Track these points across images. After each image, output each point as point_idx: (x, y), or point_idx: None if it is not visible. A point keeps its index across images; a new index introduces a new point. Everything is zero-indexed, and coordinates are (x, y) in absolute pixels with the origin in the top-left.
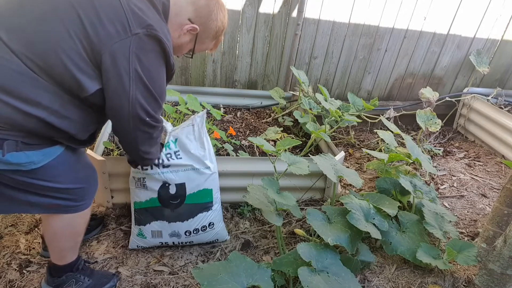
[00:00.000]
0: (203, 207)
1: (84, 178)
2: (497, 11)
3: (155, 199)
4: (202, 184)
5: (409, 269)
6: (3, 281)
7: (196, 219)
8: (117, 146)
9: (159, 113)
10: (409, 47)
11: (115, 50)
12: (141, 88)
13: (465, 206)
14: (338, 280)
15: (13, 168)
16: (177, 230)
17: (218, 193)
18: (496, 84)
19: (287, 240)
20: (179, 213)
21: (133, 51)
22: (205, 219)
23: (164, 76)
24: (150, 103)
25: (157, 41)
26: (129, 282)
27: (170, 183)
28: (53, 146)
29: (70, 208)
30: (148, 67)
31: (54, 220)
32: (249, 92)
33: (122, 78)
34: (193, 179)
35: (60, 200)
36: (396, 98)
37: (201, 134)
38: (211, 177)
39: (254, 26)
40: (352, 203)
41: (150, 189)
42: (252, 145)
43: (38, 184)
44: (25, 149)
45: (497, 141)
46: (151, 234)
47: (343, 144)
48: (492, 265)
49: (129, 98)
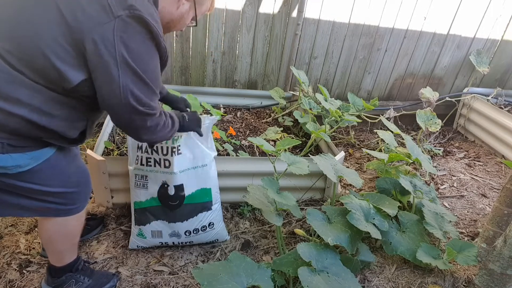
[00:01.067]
0: (203, 206)
1: (75, 182)
2: (497, 11)
3: (155, 199)
4: (202, 184)
5: (409, 269)
6: (3, 281)
7: (196, 219)
8: (117, 146)
9: (154, 100)
10: (409, 47)
11: (98, 36)
12: (130, 74)
13: (465, 206)
14: (338, 280)
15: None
16: (177, 230)
17: (217, 193)
18: (496, 84)
19: (287, 240)
20: (179, 213)
21: (117, 35)
22: (205, 219)
23: (156, 60)
24: (142, 90)
25: (142, 23)
26: (129, 282)
27: (169, 184)
28: (42, 149)
29: (61, 211)
30: (136, 51)
31: (48, 223)
32: (249, 92)
33: (108, 65)
34: (191, 179)
35: (51, 204)
36: (396, 98)
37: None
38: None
39: (254, 26)
40: (352, 203)
41: (150, 189)
42: (252, 145)
43: (26, 187)
44: (11, 151)
45: (497, 141)
46: (151, 234)
47: (343, 144)
48: (492, 265)
49: (119, 87)
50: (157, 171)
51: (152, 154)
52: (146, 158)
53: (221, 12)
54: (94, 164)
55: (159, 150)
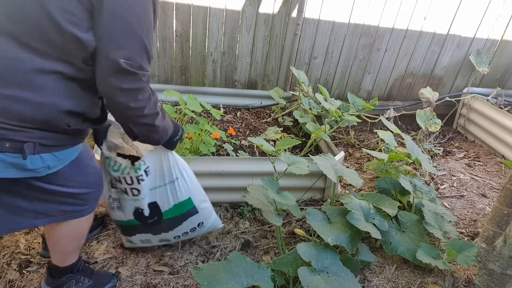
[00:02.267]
0: (186, 215)
1: (92, 182)
2: (497, 11)
3: (134, 220)
4: (176, 199)
5: (409, 269)
6: (3, 281)
7: (182, 226)
8: None
9: (143, 58)
10: (409, 47)
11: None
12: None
13: (465, 206)
14: (338, 280)
15: (27, 175)
16: (165, 237)
17: (202, 194)
18: (496, 84)
19: (287, 240)
20: (162, 227)
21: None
22: (193, 222)
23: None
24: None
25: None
26: (129, 282)
27: (143, 208)
28: (69, 149)
29: (76, 213)
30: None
31: (60, 225)
32: (249, 92)
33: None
34: (165, 197)
35: (67, 206)
36: (396, 98)
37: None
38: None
39: (254, 26)
40: (352, 203)
41: (126, 211)
42: (252, 145)
43: (50, 189)
44: (42, 151)
45: (497, 141)
46: (140, 242)
47: (343, 144)
48: (492, 265)
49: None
50: (126, 198)
51: (116, 185)
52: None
53: (221, 12)
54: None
55: (123, 181)
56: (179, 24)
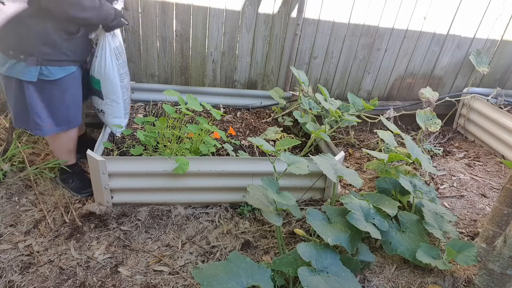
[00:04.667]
0: (95, 93)
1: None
2: (497, 11)
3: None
4: (93, 71)
5: (409, 269)
6: (3, 281)
7: (92, 99)
8: (117, 147)
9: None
10: (409, 47)
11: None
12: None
13: (465, 206)
14: (338, 280)
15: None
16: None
17: (112, 92)
18: (496, 84)
19: (287, 240)
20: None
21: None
22: (97, 103)
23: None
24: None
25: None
26: (129, 282)
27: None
28: (69, 66)
29: (37, 130)
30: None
31: (49, 141)
32: (249, 92)
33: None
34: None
35: (38, 119)
36: (396, 98)
37: None
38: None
39: (254, 26)
40: (352, 203)
41: None
42: (252, 145)
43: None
44: (48, 64)
45: (497, 141)
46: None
47: (343, 144)
48: (492, 265)
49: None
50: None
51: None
52: None
53: (220, 12)
54: (94, 164)
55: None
56: (179, 24)
